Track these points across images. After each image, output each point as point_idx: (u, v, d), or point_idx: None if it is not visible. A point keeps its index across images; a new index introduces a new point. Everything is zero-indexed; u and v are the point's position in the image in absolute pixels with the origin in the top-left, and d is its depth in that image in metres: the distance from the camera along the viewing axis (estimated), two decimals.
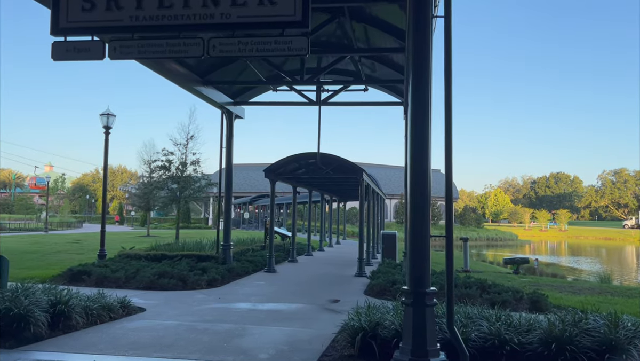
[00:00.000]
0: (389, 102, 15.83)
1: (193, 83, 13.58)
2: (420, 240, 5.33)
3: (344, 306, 9.90)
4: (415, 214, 5.39)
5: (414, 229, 5.37)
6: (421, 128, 5.42)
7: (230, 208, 16.21)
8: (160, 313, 8.70)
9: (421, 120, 5.43)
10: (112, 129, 17.16)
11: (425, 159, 5.43)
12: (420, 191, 5.42)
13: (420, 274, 5.30)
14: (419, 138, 5.44)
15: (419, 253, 5.34)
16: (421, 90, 5.53)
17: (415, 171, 5.42)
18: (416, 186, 5.42)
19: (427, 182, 5.44)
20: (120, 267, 13.58)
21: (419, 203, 5.40)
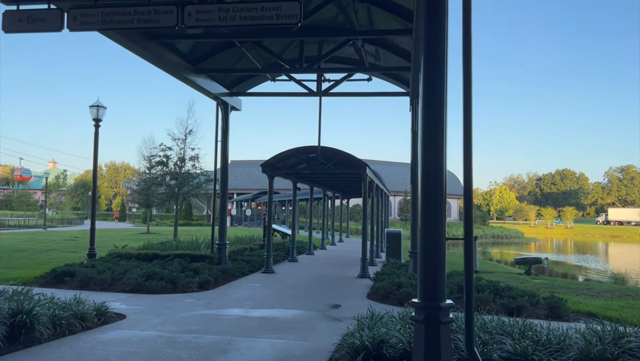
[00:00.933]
0: (393, 93, 14.92)
1: (185, 71, 12.69)
2: (433, 245, 4.45)
3: (345, 313, 9.03)
4: (427, 215, 4.51)
5: (426, 233, 4.48)
6: (434, 119, 4.56)
7: (226, 205, 15.36)
8: (141, 322, 7.84)
9: (434, 110, 4.57)
10: (102, 122, 16.30)
11: (439, 154, 4.57)
12: (433, 189, 4.54)
13: (433, 285, 4.42)
14: (432, 130, 4.59)
15: (432, 259, 4.46)
16: (434, 75, 4.68)
17: (428, 166, 4.55)
18: (428, 183, 4.54)
19: (441, 178, 4.55)
20: (107, 267, 12.75)
21: (432, 203, 4.52)
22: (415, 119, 14.14)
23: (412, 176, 14.41)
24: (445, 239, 4.49)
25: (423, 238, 4.49)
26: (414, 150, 14.18)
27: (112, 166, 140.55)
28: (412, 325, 5.70)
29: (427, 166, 4.56)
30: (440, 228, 4.46)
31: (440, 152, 4.58)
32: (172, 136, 29.08)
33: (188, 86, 13.64)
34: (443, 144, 4.59)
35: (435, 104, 4.57)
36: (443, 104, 4.63)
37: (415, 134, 14.16)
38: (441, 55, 4.73)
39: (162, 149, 28.89)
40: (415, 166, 14.26)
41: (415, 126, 14.20)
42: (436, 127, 4.59)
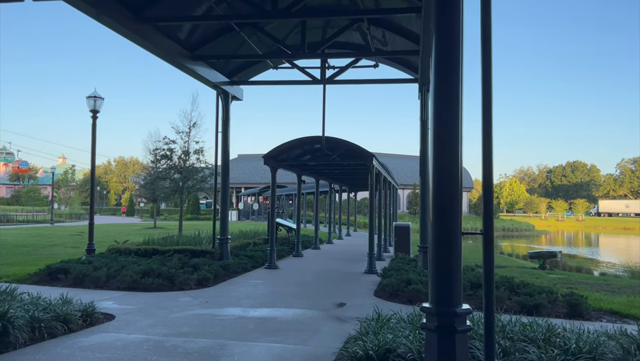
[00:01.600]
0: (401, 79, 14.22)
1: (182, 58, 12.10)
2: (447, 241, 3.83)
3: (350, 312, 8.44)
4: (441, 208, 3.90)
5: (439, 227, 3.87)
6: (449, 100, 3.94)
7: (227, 198, 14.80)
8: (130, 323, 7.30)
9: (449, 90, 3.95)
10: (99, 113, 15.79)
11: (454, 138, 3.93)
12: (448, 179, 3.92)
13: (448, 288, 3.80)
14: (446, 112, 3.97)
15: (446, 258, 3.84)
16: (449, 51, 4.00)
17: (441, 154, 3.92)
18: (442, 173, 3.91)
19: (456, 167, 3.91)
20: (104, 264, 12.26)
21: (446, 194, 3.89)
22: (424, 106, 13.46)
23: (422, 167, 13.75)
24: (461, 235, 3.86)
25: (436, 234, 3.87)
26: (424, 139, 13.51)
27: (121, 161, 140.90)
28: (422, 331, 5.10)
29: (440, 154, 3.93)
30: (456, 222, 3.83)
31: (456, 136, 3.95)
32: (176, 129, 28.55)
33: (187, 74, 13.07)
34: (459, 128, 3.95)
35: (451, 84, 3.95)
36: (459, 84, 3.99)
37: (424, 123, 13.49)
38: (457, 26, 4.07)
39: (166, 143, 28.35)
40: (424, 156, 13.60)
41: (424, 114, 13.53)
42: (451, 110, 3.96)
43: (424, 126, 13.50)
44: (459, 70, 3.99)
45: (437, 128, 3.95)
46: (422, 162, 13.65)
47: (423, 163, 13.62)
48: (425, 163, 13.66)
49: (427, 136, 13.76)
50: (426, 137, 13.53)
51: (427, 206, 13.80)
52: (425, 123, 13.53)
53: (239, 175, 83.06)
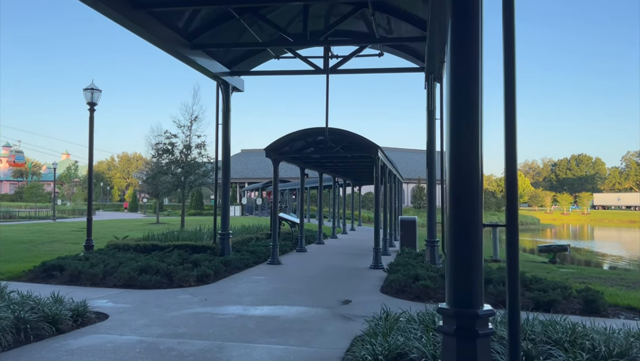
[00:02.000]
0: (407, 68, 13.76)
1: (180, 47, 11.67)
2: (467, 236, 3.40)
3: (356, 310, 8.04)
4: (459, 199, 3.47)
5: (457, 221, 3.44)
6: (468, 78, 3.48)
7: (228, 192, 14.39)
8: (123, 323, 6.92)
9: (468, 66, 3.48)
10: (97, 106, 15.39)
11: (474, 121, 3.48)
12: (467, 167, 3.48)
13: (467, 287, 3.38)
14: (466, 91, 3.49)
15: (466, 253, 3.41)
16: (468, 32, 3.53)
17: (460, 139, 3.48)
18: (461, 160, 3.47)
19: (477, 153, 3.47)
20: (101, 260, 11.90)
21: (465, 184, 3.46)
22: (431, 96, 13.00)
23: (428, 159, 13.30)
24: (482, 227, 3.44)
25: (453, 226, 3.44)
26: (430, 130, 13.05)
27: (124, 157, 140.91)
28: (437, 333, 4.68)
29: (459, 138, 3.49)
30: (476, 212, 3.41)
31: (476, 118, 3.50)
32: (178, 123, 28.20)
33: (186, 64, 12.65)
34: (479, 108, 3.50)
35: (470, 60, 3.47)
36: (479, 61, 3.53)
37: (431, 113, 13.03)
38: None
39: (167, 137, 28.01)
40: (431, 147, 13.15)
41: (431, 104, 13.07)
42: (471, 90, 3.50)
43: (430, 116, 13.04)
44: (478, 45, 3.54)
45: (456, 110, 3.50)
46: (429, 154, 13.20)
47: (430, 155, 13.17)
48: (432, 154, 13.21)
49: (434, 127, 13.36)
50: (433, 127, 13.08)
51: (434, 199, 13.36)
52: (432, 113, 13.08)
53: (243, 170, 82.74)
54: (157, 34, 10.75)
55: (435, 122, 12.99)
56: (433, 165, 13.21)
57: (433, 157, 13.19)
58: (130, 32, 10.53)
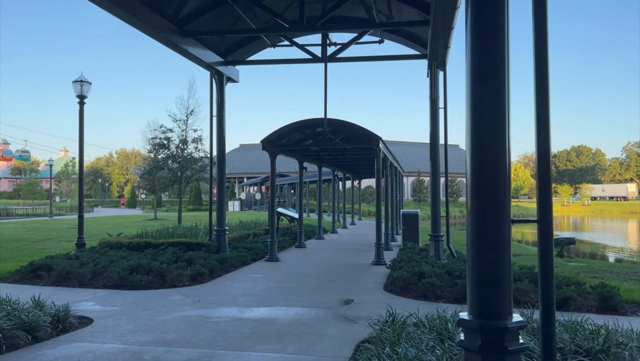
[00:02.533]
0: (409, 55, 13.18)
1: (170, 35, 11.11)
2: (493, 234, 2.88)
3: (359, 310, 7.54)
4: (482, 192, 2.92)
5: (480, 217, 2.90)
6: (493, 53, 2.93)
7: (224, 187, 13.86)
8: (108, 329, 6.40)
9: (493, 38, 2.92)
10: (87, 99, 14.83)
11: (501, 102, 2.92)
12: (491, 156, 2.93)
13: (493, 294, 2.86)
14: (489, 69, 2.94)
15: (492, 255, 2.88)
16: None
17: (482, 124, 2.94)
18: (484, 147, 2.93)
19: (504, 138, 2.93)
20: (92, 259, 11.39)
21: (489, 175, 2.92)
22: (434, 84, 12.44)
23: (432, 150, 12.76)
24: (511, 223, 2.91)
25: (476, 223, 2.91)
26: (434, 119, 12.50)
27: (123, 152, 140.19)
28: (452, 343, 4.17)
29: (482, 118, 2.94)
30: (504, 206, 2.88)
31: (502, 95, 2.95)
32: (173, 117, 27.64)
33: (178, 53, 12.10)
34: (505, 83, 2.96)
35: (495, 32, 2.90)
36: (504, 31, 2.97)
37: (434, 102, 12.47)
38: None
39: (163, 131, 27.46)
40: (434, 137, 12.61)
41: (434, 93, 12.51)
42: (496, 58, 2.94)
43: (434, 105, 12.49)
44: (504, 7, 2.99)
45: (478, 83, 2.95)
46: (432, 145, 12.66)
47: (433, 145, 12.63)
48: (435, 145, 12.67)
49: (438, 116, 12.80)
50: (436, 117, 12.53)
51: (437, 192, 12.84)
52: (436, 102, 12.53)
53: (241, 165, 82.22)
54: (146, 21, 10.19)
55: (438, 111, 12.44)
56: (437, 156, 12.68)
57: (437, 148, 12.66)
58: (125, 24, 10.04)
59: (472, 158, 2.92)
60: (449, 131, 12.35)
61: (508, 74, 2.94)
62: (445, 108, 12.28)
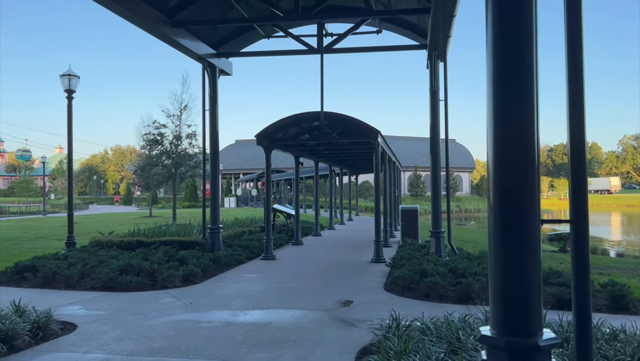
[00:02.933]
0: (408, 46, 12.75)
1: (160, 25, 10.65)
2: (519, 236, 2.47)
3: (359, 313, 7.15)
4: (508, 187, 2.51)
5: (505, 216, 2.49)
6: (519, 29, 2.47)
7: (218, 183, 13.44)
8: (92, 336, 5.99)
9: (519, 15, 2.47)
10: (75, 93, 14.35)
11: (529, 86, 2.48)
12: (518, 151, 2.50)
13: (522, 307, 2.47)
14: (513, 48, 2.50)
15: (519, 261, 2.48)
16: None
17: (507, 116, 2.48)
18: (509, 142, 2.49)
19: (532, 133, 2.50)
20: (81, 259, 10.96)
21: (515, 165, 2.50)
22: (434, 75, 12.03)
23: (432, 143, 12.36)
24: (540, 224, 2.51)
25: (500, 224, 2.51)
26: (434, 112, 12.09)
27: (118, 149, 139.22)
28: (467, 357, 3.78)
29: (507, 103, 2.53)
30: (533, 208, 2.48)
31: (531, 87, 2.53)
32: (167, 113, 27.08)
33: (169, 45, 11.65)
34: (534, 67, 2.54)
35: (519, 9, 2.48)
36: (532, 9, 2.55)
37: (434, 94, 12.06)
38: None
39: (156, 127, 26.90)
40: (435, 131, 12.20)
41: (435, 85, 12.10)
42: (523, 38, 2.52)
43: (434, 97, 12.08)
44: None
45: (502, 65, 2.54)
46: (433, 138, 12.25)
47: (434, 139, 12.22)
48: (435, 138, 12.26)
49: (438, 108, 12.38)
50: (436, 109, 12.12)
51: (438, 187, 12.45)
52: (436, 94, 12.11)
53: (237, 161, 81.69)
54: (134, 10, 9.74)
55: (439, 103, 12.04)
56: (437, 150, 12.28)
57: (437, 142, 12.26)
58: (120, 20, 9.60)
59: (495, 149, 2.51)
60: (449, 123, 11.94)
61: (536, 50, 2.53)
62: (446, 100, 11.88)
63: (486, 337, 2.51)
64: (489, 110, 2.55)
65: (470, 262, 10.34)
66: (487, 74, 2.57)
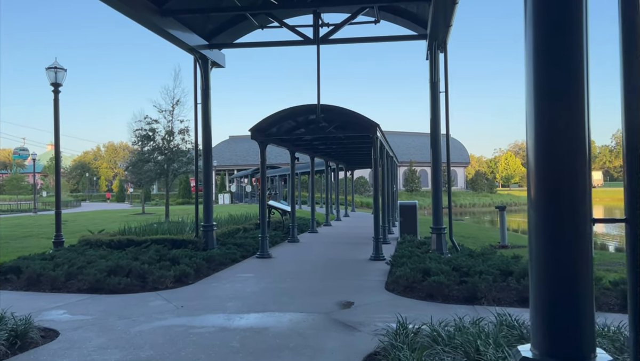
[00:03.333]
0: (407, 36, 12.33)
1: (149, 14, 10.18)
2: (568, 238, 2.05)
3: (360, 315, 6.75)
4: (554, 182, 2.09)
5: (551, 215, 2.08)
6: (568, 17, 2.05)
7: (210, 179, 12.99)
8: (74, 345, 5.55)
9: None
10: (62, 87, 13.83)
11: (579, 66, 2.05)
12: (568, 144, 2.07)
13: (572, 323, 2.06)
14: (563, 26, 2.06)
15: (567, 267, 2.07)
16: None
17: (555, 88, 2.06)
18: (555, 131, 2.06)
19: (583, 122, 2.08)
20: (68, 259, 10.48)
21: (563, 157, 2.09)
22: (434, 66, 11.62)
23: (433, 137, 11.96)
24: (592, 223, 2.10)
25: (544, 224, 2.10)
26: (434, 104, 11.69)
27: (111, 146, 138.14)
28: None
29: (553, 85, 2.10)
30: (583, 203, 2.07)
31: (581, 71, 2.10)
32: (159, 108, 26.57)
33: (158, 35, 11.18)
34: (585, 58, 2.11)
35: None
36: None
37: (434, 85, 11.66)
38: None
39: (148, 122, 26.39)
40: (435, 124, 11.81)
41: (435, 76, 11.70)
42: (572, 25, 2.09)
43: (434, 88, 11.68)
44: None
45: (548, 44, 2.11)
46: (433, 131, 11.85)
47: (434, 132, 11.83)
48: (436, 132, 11.87)
49: (438, 101, 11.95)
50: (437, 101, 11.72)
51: (439, 182, 12.06)
52: (436, 85, 11.71)
53: (231, 157, 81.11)
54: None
55: (439, 95, 11.64)
56: (438, 143, 11.89)
57: (438, 135, 11.86)
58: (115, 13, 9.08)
59: (541, 139, 2.09)
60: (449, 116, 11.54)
61: (587, 31, 2.11)
62: (447, 92, 11.48)
63: (528, 359, 2.10)
64: (532, 97, 2.13)
65: (473, 259, 9.97)
66: (527, 54, 2.15)
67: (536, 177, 2.14)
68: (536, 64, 2.14)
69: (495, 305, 7.18)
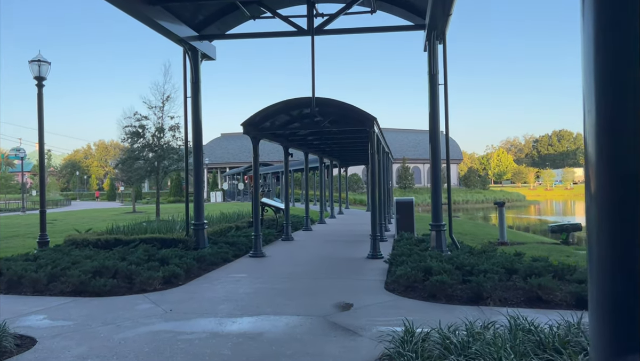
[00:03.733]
0: (405, 27, 11.90)
1: (135, 2, 9.69)
2: (630, 245, 1.63)
3: (361, 318, 6.35)
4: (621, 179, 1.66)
5: (617, 216, 1.66)
6: None
7: (201, 177, 12.52)
8: (53, 354, 5.10)
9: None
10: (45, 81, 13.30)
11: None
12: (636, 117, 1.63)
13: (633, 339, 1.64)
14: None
15: (633, 271, 1.66)
16: None
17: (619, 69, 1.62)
18: (620, 112, 1.63)
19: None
20: (52, 260, 10.00)
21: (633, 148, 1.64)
22: (433, 58, 11.23)
23: (432, 132, 11.57)
24: None
25: (609, 226, 1.69)
26: (433, 97, 11.30)
27: (102, 144, 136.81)
28: None
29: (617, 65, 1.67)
30: None
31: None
32: (148, 104, 26.01)
33: (146, 25, 10.69)
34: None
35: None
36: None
37: (433, 77, 11.26)
38: None
39: (138, 119, 25.82)
40: (434, 117, 11.42)
41: (434, 68, 11.30)
42: None
43: (433, 81, 11.28)
44: None
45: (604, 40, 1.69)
46: (432, 126, 11.46)
47: (433, 126, 11.44)
48: (435, 126, 11.48)
49: (437, 93, 11.56)
50: (436, 94, 11.33)
51: (438, 178, 11.67)
52: (435, 78, 11.32)
53: (223, 155, 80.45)
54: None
55: (438, 88, 11.25)
56: (437, 138, 11.51)
57: (437, 129, 11.47)
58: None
59: (599, 138, 1.68)
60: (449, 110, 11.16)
61: None
62: (446, 84, 11.10)
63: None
64: (591, 97, 1.71)
65: (475, 257, 9.61)
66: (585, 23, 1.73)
67: (595, 173, 1.73)
68: (603, 50, 1.73)
69: (501, 305, 6.83)
